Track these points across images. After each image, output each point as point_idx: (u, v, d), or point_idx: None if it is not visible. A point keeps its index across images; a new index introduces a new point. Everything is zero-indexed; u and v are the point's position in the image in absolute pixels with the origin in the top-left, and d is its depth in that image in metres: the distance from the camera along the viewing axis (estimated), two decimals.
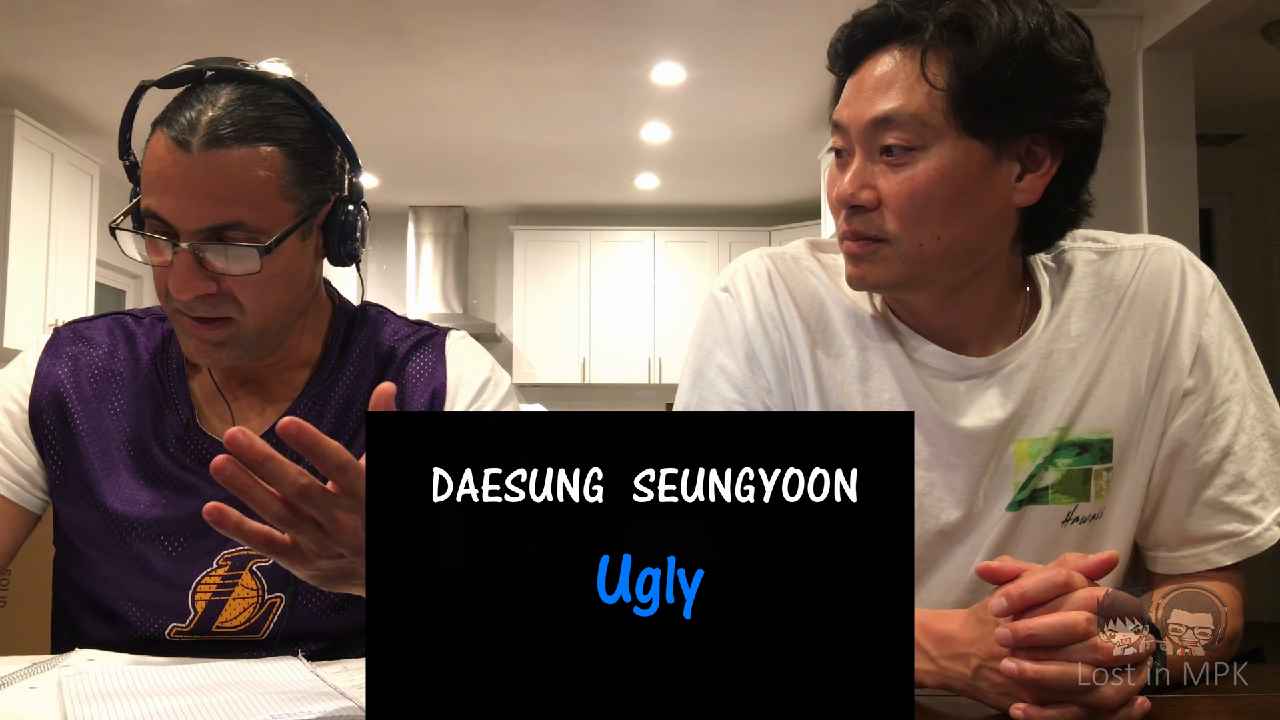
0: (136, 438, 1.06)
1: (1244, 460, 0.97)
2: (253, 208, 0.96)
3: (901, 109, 0.89)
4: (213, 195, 0.95)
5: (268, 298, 1.00)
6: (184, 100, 0.98)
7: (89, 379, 1.08)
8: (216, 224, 0.95)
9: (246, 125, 0.96)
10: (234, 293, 0.98)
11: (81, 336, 1.11)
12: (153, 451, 1.05)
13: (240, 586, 1.02)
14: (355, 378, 1.10)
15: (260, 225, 0.97)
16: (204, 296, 0.97)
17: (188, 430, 1.06)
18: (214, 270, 0.96)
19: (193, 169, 0.94)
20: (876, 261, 0.93)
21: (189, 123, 0.95)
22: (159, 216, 0.96)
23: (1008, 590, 0.74)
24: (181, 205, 0.94)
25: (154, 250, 0.98)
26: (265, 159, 0.97)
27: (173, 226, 0.95)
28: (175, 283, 0.96)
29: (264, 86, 0.99)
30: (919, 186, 0.90)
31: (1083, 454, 0.98)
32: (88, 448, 1.05)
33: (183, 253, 0.95)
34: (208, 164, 0.94)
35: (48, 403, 1.07)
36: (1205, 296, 1.00)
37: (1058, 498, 0.98)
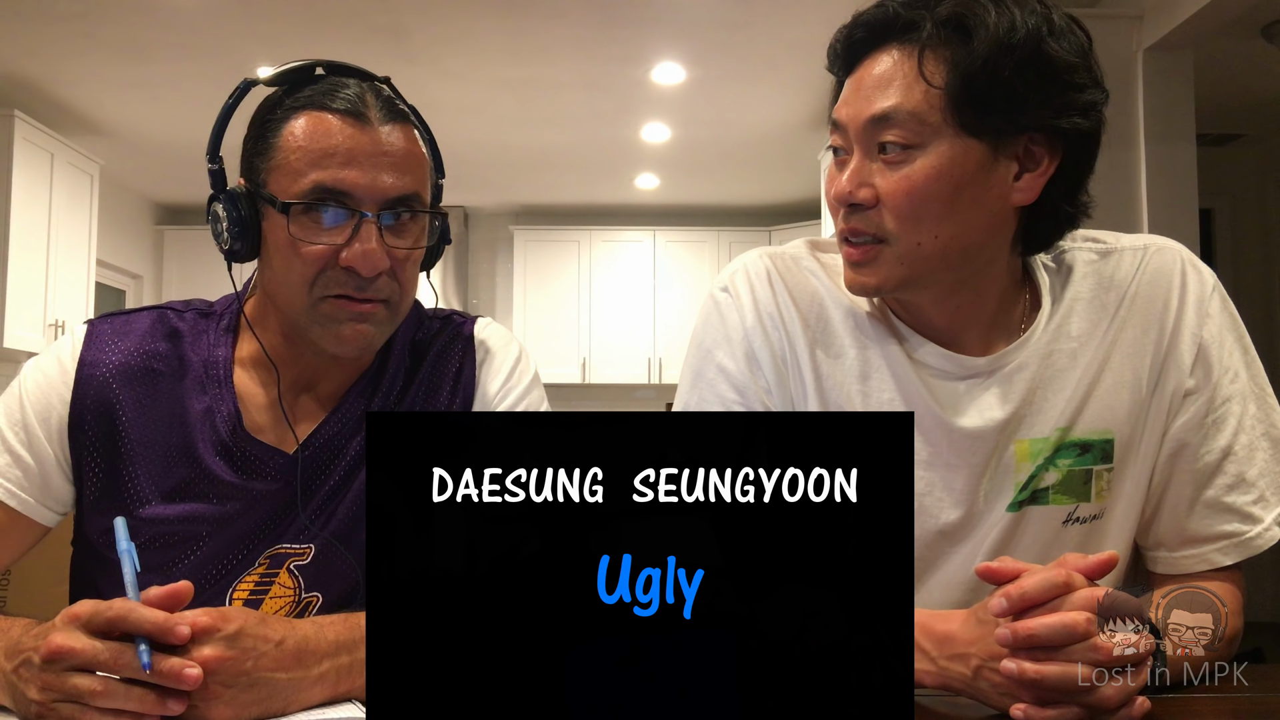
0: (182, 442, 1.01)
1: (1244, 460, 0.97)
2: (421, 182, 0.99)
3: (899, 107, 0.90)
4: (397, 166, 0.96)
5: (414, 280, 1.02)
6: (325, 88, 0.98)
7: (132, 379, 1.02)
8: (401, 194, 0.96)
9: (399, 108, 1.00)
10: (397, 273, 0.98)
11: (121, 332, 1.05)
12: (199, 456, 1.01)
13: (277, 585, 1.01)
14: (395, 374, 1.09)
15: (424, 201, 0.99)
16: (379, 275, 0.96)
17: (235, 435, 1.02)
18: (389, 244, 0.96)
19: (374, 140, 0.95)
20: (876, 265, 0.93)
21: (356, 97, 0.97)
22: (338, 190, 0.94)
23: (1007, 590, 0.74)
24: (369, 175, 0.94)
25: (317, 229, 0.95)
26: (419, 140, 1.01)
27: (354, 199, 0.94)
28: (361, 257, 0.94)
29: (378, 81, 1.02)
30: (917, 184, 0.90)
31: (1084, 454, 0.98)
32: (131, 454, 1.01)
33: (369, 224, 0.94)
34: (387, 135, 0.96)
35: (91, 407, 1.01)
36: (1206, 296, 1.00)
37: (1058, 498, 0.98)
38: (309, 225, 0.95)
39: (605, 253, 7.19)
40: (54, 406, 1.01)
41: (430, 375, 1.10)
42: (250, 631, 0.76)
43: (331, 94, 0.97)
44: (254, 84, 1.01)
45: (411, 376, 1.09)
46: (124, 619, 0.72)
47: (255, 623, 0.77)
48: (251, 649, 0.75)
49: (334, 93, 0.97)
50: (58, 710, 0.72)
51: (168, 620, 0.72)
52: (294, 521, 1.01)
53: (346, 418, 1.05)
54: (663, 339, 7.09)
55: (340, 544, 1.01)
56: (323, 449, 1.04)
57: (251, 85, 1.01)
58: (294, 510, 1.01)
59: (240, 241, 0.99)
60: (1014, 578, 0.75)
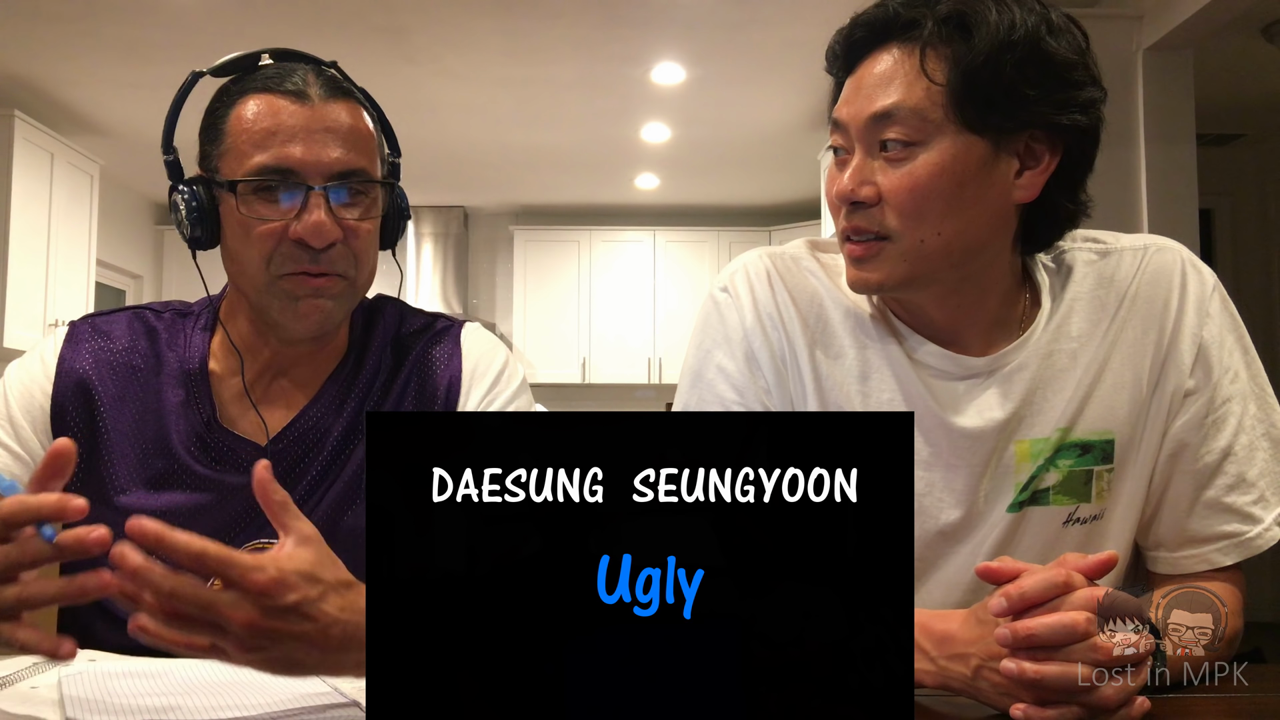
0: (157, 435, 1.04)
1: (1244, 460, 0.97)
2: (368, 156, 1.01)
3: (901, 104, 0.90)
4: (340, 140, 0.98)
5: (371, 254, 1.03)
6: (270, 72, 1.01)
7: (110, 374, 1.05)
8: (346, 168, 0.98)
9: (343, 86, 1.02)
10: (351, 244, 0.99)
11: (101, 331, 1.08)
12: (174, 449, 1.03)
13: None
14: (375, 369, 1.10)
15: (373, 176, 1.01)
16: (331, 247, 0.98)
17: (209, 427, 1.04)
18: (339, 215, 0.98)
19: (317, 117, 0.98)
20: (880, 262, 0.93)
21: (300, 79, 1.00)
22: (281, 168, 0.97)
23: (1007, 590, 0.74)
24: (312, 150, 0.97)
25: (267, 207, 0.97)
26: (366, 117, 1.03)
27: (300, 175, 0.97)
28: (310, 229, 0.96)
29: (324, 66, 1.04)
30: (919, 181, 0.90)
31: (1084, 455, 0.98)
32: (109, 445, 1.03)
33: (316, 196, 0.96)
34: (331, 112, 0.99)
35: (71, 399, 1.03)
36: (1206, 296, 1.00)
37: (1059, 498, 0.98)
38: (259, 205, 0.98)
39: (605, 253, 7.19)
40: (36, 399, 1.04)
41: (414, 374, 1.10)
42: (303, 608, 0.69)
43: (277, 78, 1.00)
44: (201, 75, 1.04)
45: (394, 374, 1.10)
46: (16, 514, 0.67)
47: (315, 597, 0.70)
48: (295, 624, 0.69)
49: (279, 77, 1.00)
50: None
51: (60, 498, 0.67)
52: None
53: (324, 409, 1.06)
54: (663, 339, 7.09)
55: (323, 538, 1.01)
56: (299, 440, 1.05)
57: (199, 76, 1.04)
58: None
59: (199, 228, 1.02)
60: (1014, 578, 0.75)
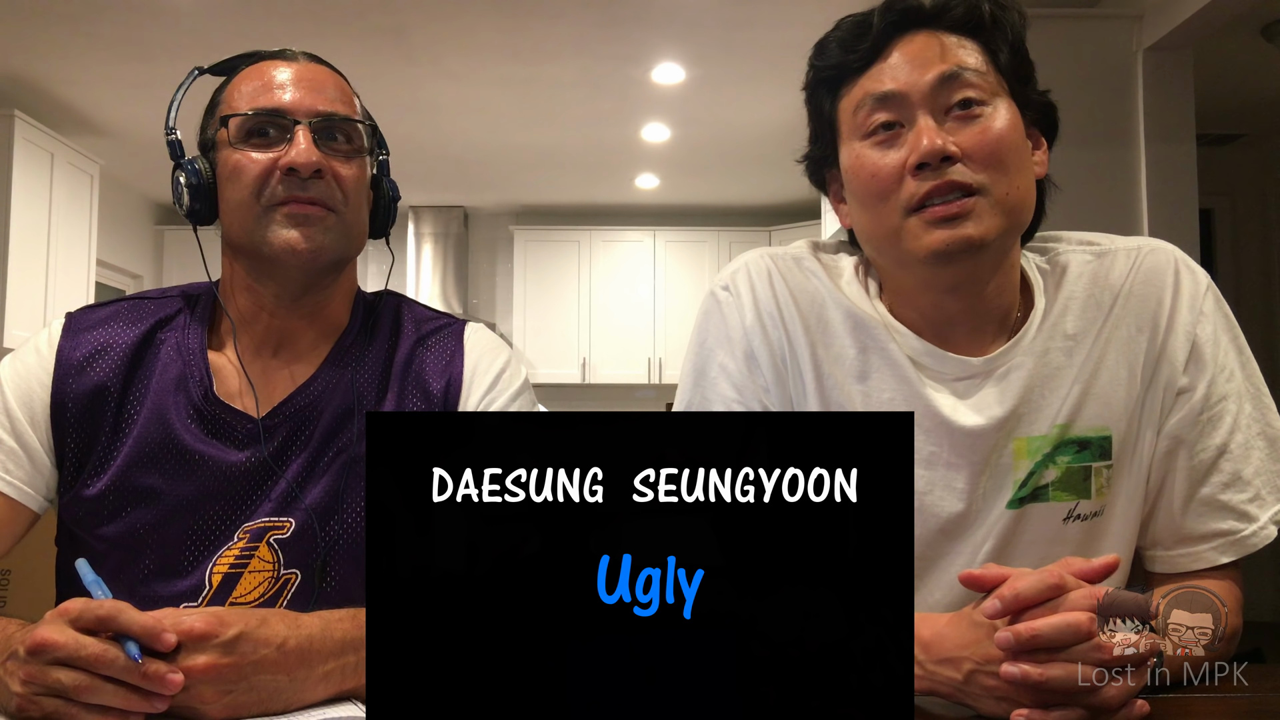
0: (156, 414, 1.04)
1: (1240, 458, 0.97)
2: (348, 107, 1.10)
3: (966, 64, 0.95)
4: (323, 90, 1.08)
5: (359, 197, 1.08)
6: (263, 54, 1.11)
7: (109, 360, 1.06)
8: (329, 111, 1.06)
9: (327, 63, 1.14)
10: (338, 182, 1.05)
11: (97, 319, 1.09)
12: (172, 426, 1.04)
13: (257, 559, 1.01)
14: (376, 353, 1.11)
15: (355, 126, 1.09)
16: (318, 175, 1.03)
17: (206, 401, 1.05)
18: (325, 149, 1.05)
19: (303, 71, 1.09)
20: (977, 216, 0.92)
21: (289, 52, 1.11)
22: (272, 110, 1.05)
23: (1001, 592, 0.73)
24: (298, 94, 1.06)
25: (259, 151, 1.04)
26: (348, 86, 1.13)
27: (286, 114, 1.04)
28: (298, 154, 1.02)
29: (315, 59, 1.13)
30: (999, 133, 0.94)
31: (1082, 451, 0.98)
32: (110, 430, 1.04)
33: (302, 128, 1.04)
34: (314, 69, 1.10)
35: (71, 390, 1.04)
36: (1199, 295, 1.00)
37: (1058, 495, 0.98)
38: (250, 150, 1.04)
39: (605, 253, 7.19)
40: (34, 392, 1.04)
41: (415, 369, 1.11)
42: (250, 635, 0.76)
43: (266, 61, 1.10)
44: (203, 71, 1.14)
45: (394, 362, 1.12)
46: (114, 618, 0.72)
47: (256, 624, 0.77)
48: (251, 653, 0.75)
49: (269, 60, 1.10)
50: (39, 703, 0.72)
51: (157, 623, 0.73)
52: (270, 494, 1.02)
53: (322, 386, 1.07)
54: (663, 339, 7.09)
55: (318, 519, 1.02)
56: (294, 416, 1.05)
57: (201, 73, 1.14)
58: (269, 482, 1.02)
59: (199, 201, 1.06)
60: (999, 583, 0.74)
